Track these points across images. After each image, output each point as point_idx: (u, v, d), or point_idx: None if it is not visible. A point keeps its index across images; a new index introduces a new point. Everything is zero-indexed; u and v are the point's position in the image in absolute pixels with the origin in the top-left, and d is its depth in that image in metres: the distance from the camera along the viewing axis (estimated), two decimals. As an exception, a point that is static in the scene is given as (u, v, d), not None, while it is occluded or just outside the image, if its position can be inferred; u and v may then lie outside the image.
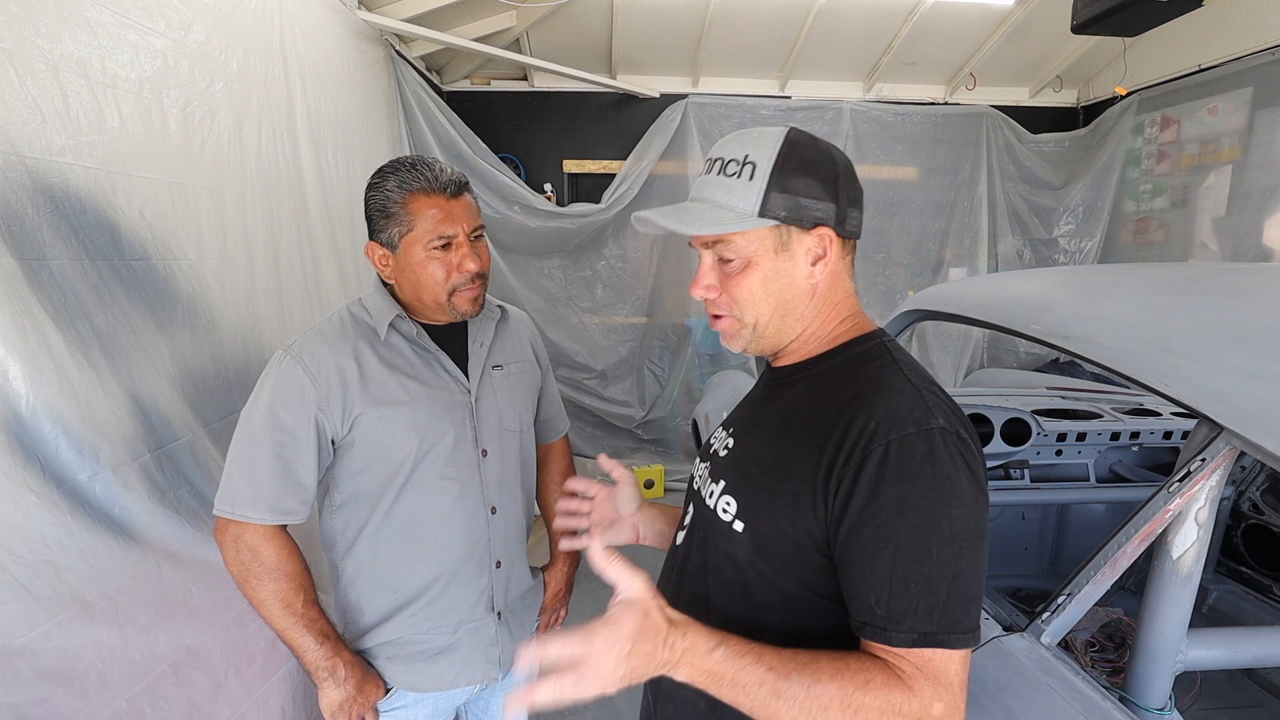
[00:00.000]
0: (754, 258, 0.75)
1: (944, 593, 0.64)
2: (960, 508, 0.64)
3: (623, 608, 0.65)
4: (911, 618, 0.64)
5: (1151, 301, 1.12)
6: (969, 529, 0.65)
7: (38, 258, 1.12)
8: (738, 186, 0.73)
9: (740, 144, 0.75)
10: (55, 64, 1.18)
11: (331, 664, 1.09)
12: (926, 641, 0.64)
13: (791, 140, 0.74)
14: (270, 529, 1.06)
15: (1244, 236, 3.52)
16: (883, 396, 0.69)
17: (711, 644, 0.66)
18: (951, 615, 0.64)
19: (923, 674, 0.64)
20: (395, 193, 1.06)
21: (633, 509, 1.00)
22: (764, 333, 0.78)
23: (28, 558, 1.03)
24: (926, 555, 0.64)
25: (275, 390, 1.06)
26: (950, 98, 4.49)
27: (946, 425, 0.66)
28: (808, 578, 0.72)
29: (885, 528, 0.65)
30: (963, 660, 0.65)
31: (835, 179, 0.74)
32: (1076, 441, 1.97)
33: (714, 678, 0.65)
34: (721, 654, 0.65)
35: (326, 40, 2.46)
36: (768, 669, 0.64)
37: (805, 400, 0.77)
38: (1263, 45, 3.34)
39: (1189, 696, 1.50)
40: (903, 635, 0.64)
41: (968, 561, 0.65)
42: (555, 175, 4.40)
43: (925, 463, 0.64)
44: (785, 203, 0.72)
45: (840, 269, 0.78)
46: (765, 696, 0.64)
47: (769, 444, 0.78)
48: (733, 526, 0.77)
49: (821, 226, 0.74)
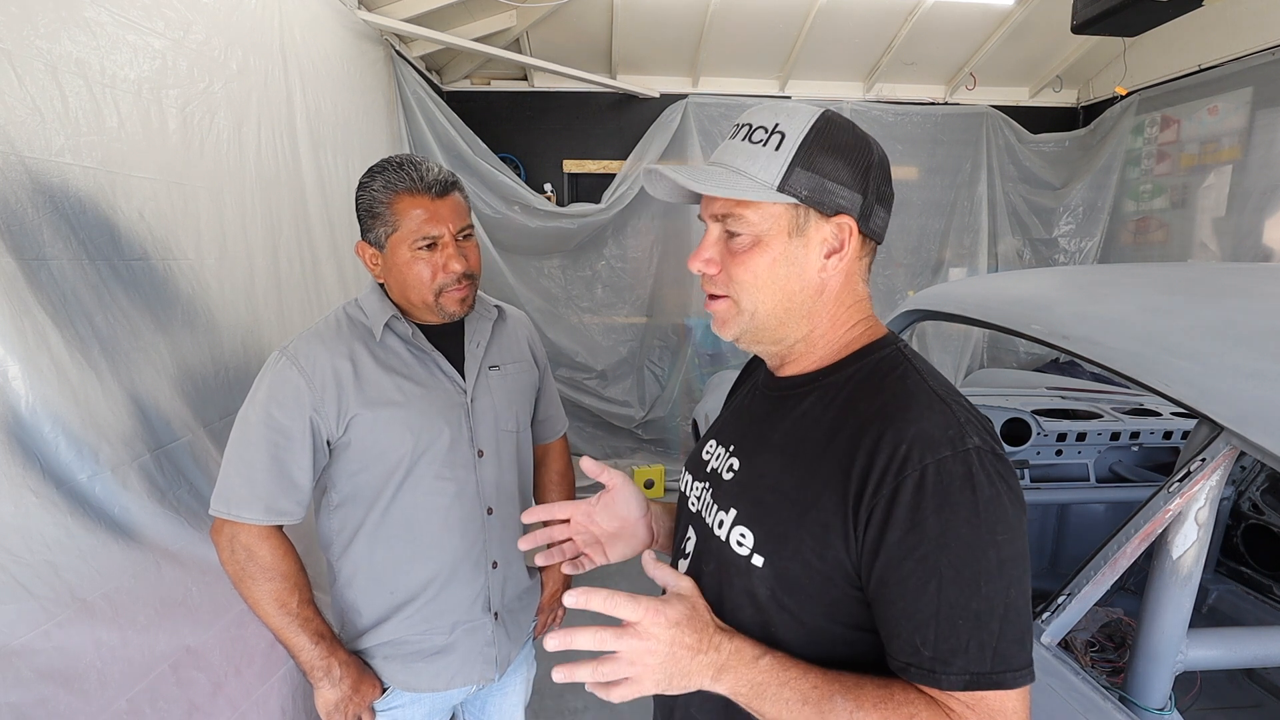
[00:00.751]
0: (765, 236, 0.68)
1: (996, 628, 0.58)
2: (1006, 533, 0.59)
3: (670, 598, 0.64)
4: (962, 658, 0.58)
5: (1151, 301, 1.12)
6: (1017, 555, 0.60)
7: (37, 258, 1.12)
8: (761, 155, 0.67)
9: (773, 112, 0.69)
10: (54, 64, 1.18)
11: (327, 663, 1.09)
12: (980, 684, 0.58)
13: (829, 118, 0.68)
14: (265, 529, 1.06)
15: (1244, 236, 3.52)
16: (912, 415, 0.63)
17: (757, 652, 0.63)
18: (1005, 652, 0.58)
19: (974, 713, 0.59)
20: (381, 193, 1.06)
21: (638, 511, 0.87)
22: (762, 324, 0.71)
23: (27, 558, 1.03)
24: (975, 589, 0.58)
25: (270, 391, 1.06)
26: (950, 98, 4.49)
27: (982, 444, 0.61)
28: (837, 611, 0.66)
29: (927, 561, 0.59)
30: (1020, 698, 0.59)
31: (868, 169, 0.67)
32: (1076, 441, 1.97)
33: (758, 689, 0.62)
34: (767, 663, 0.62)
35: (326, 40, 2.46)
36: (812, 686, 0.61)
37: (822, 416, 0.70)
38: (1263, 45, 3.34)
39: (1189, 696, 1.50)
40: (953, 678, 0.58)
41: (1018, 590, 0.59)
42: (555, 175, 4.40)
43: (965, 488, 0.59)
44: (809, 181, 0.66)
45: (856, 270, 0.72)
46: (809, 715, 0.60)
47: (786, 467, 0.70)
48: (751, 561, 0.69)
49: (843, 215, 0.67)
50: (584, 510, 0.86)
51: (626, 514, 0.86)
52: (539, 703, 2.26)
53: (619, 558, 0.86)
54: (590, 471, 0.83)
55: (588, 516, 0.86)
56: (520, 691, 1.38)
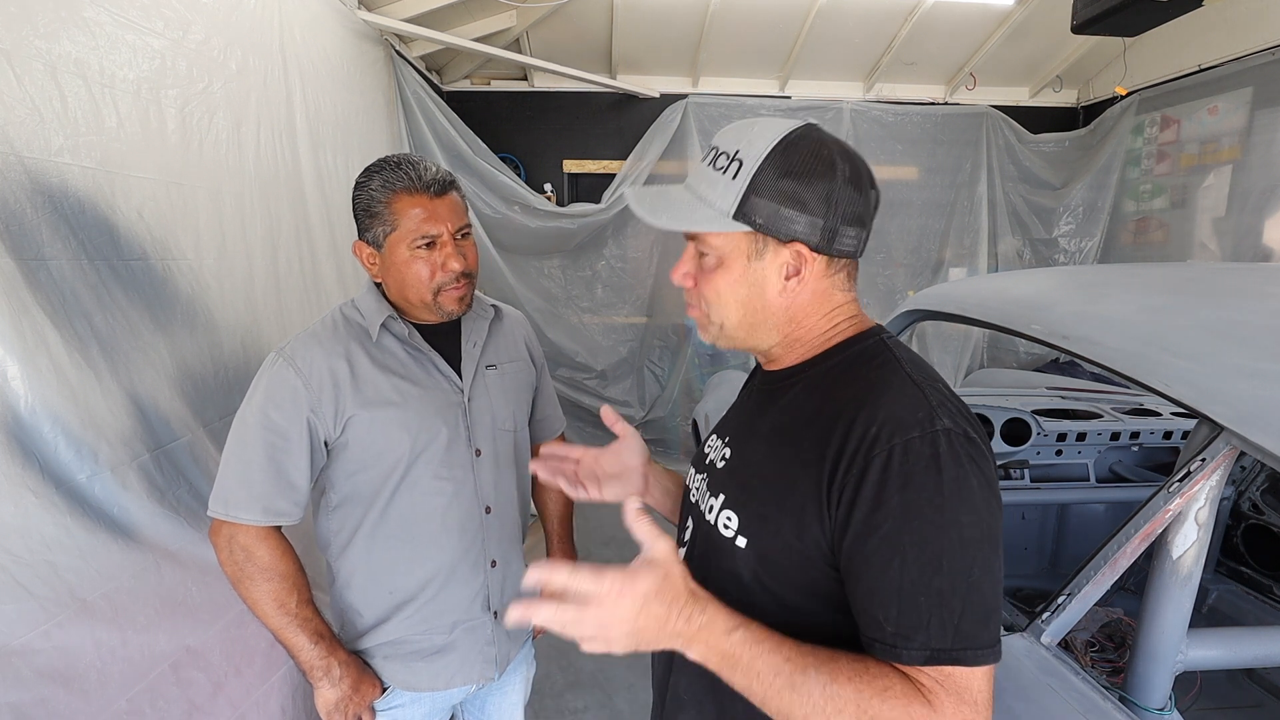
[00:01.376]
0: (726, 258, 0.71)
1: (958, 606, 0.59)
2: (971, 514, 0.60)
3: (643, 564, 0.62)
4: (923, 634, 0.59)
5: (1151, 301, 1.12)
6: (981, 536, 0.61)
7: (36, 258, 1.12)
8: (720, 182, 0.69)
9: (737, 136, 0.71)
10: (53, 64, 1.18)
11: (326, 663, 1.09)
12: (940, 659, 0.59)
13: (790, 141, 0.68)
14: (263, 530, 1.06)
15: (1244, 236, 3.52)
16: (885, 399, 0.65)
17: (731, 624, 0.63)
18: (967, 630, 0.59)
19: (944, 688, 0.59)
20: (379, 192, 1.06)
21: (640, 460, 0.95)
22: (732, 335, 0.75)
23: (27, 558, 1.03)
24: (937, 567, 0.60)
25: (268, 392, 1.06)
26: (950, 98, 4.49)
27: (953, 426, 0.62)
28: (817, 591, 0.69)
29: (891, 538, 0.61)
30: (985, 676, 0.60)
31: (828, 193, 0.67)
32: (1076, 441, 1.97)
33: (728, 660, 0.62)
34: (740, 636, 0.62)
35: (326, 40, 2.46)
36: (785, 659, 0.61)
37: (804, 405, 0.72)
38: (1263, 45, 3.34)
39: (1189, 696, 1.50)
40: (914, 653, 0.60)
41: (982, 571, 0.60)
42: (555, 175, 4.40)
43: (931, 468, 0.60)
44: (764, 209, 0.67)
45: (826, 285, 0.73)
46: (780, 687, 0.61)
47: (770, 454, 0.73)
48: (735, 543, 0.73)
49: (798, 243, 0.69)
50: (592, 454, 0.96)
51: (629, 460, 0.95)
52: (539, 702, 2.26)
53: (612, 497, 0.93)
54: (607, 420, 0.92)
55: (594, 459, 0.96)
56: (520, 690, 1.38)
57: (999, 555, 0.63)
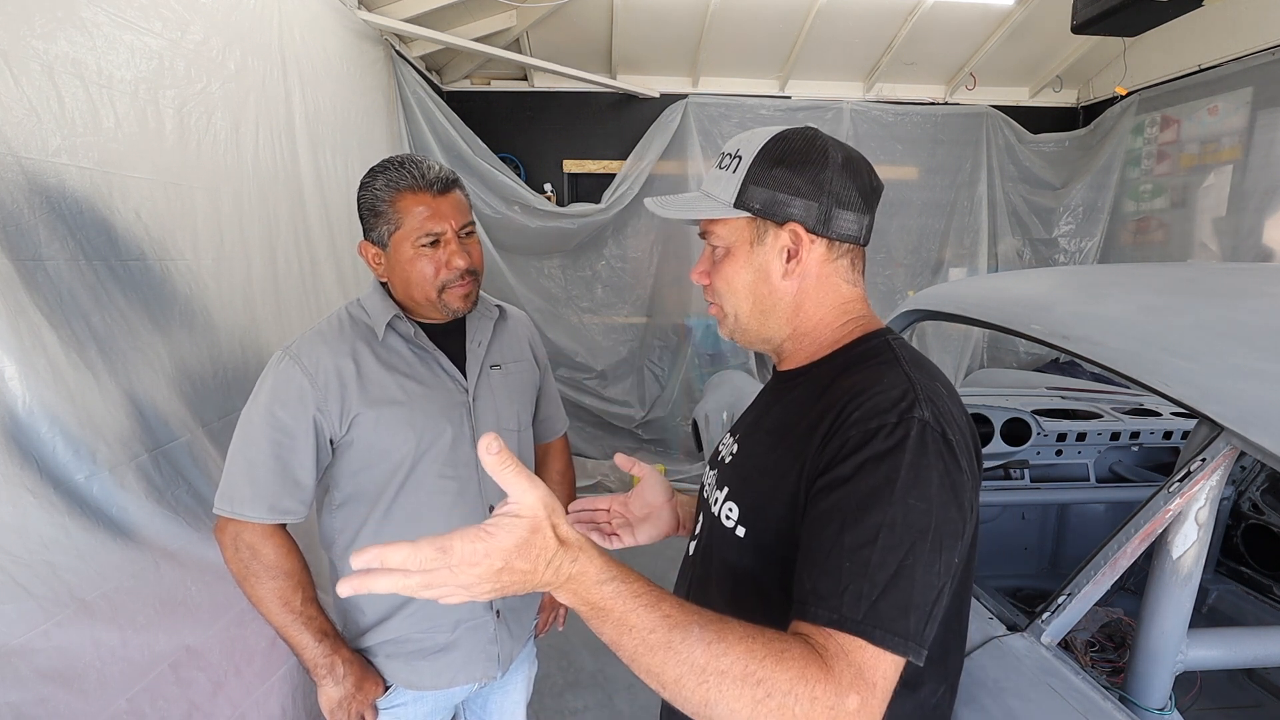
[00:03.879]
0: (732, 247, 0.77)
1: (880, 582, 0.57)
2: (921, 500, 0.59)
3: (504, 521, 0.56)
4: (837, 598, 0.58)
5: (1151, 301, 1.11)
6: (926, 529, 0.59)
7: (34, 258, 1.12)
8: (724, 178, 0.76)
9: (739, 140, 0.77)
10: (50, 64, 1.18)
11: (330, 661, 1.09)
12: (845, 626, 0.57)
13: (783, 136, 0.74)
14: (269, 528, 1.07)
15: (1244, 236, 3.52)
16: (875, 389, 0.66)
17: (605, 576, 0.58)
18: (882, 611, 0.57)
19: (846, 659, 0.56)
20: (384, 191, 1.07)
21: (665, 497, 0.97)
22: (745, 326, 0.80)
23: (25, 558, 1.03)
24: (871, 537, 0.58)
25: (274, 390, 1.06)
26: (950, 98, 4.48)
27: (931, 420, 0.62)
28: None
29: (839, 504, 0.61)
30: (893, 667, 0.57)
31: (821, 176, 0.72)
32: (1076, 441, 1.97)
33: (597, 611, 0.58)
34: (613, 589, 0.58)
35: (326, 40, 2.45)
36: (663, 615, 0.57)
37: (804, 401, 0.75)
38: (1263, 45, 3.33)
39: (1189, 696, 1.50)
40: (821, 612, 0.58)
41: (916, 560, 0.58)
42: (555, 175, 4.40)
43: (897, 449, 0.61)
44: (761, 195, 0.73)
45: (829, 271, 0.76)
46: (653, 644, 0.56)
47: (769, 447, 0.76)
48: (735, 532, 0.75)
49: (793, 223, 0.73)
50: (620, 500, 0.98)
51: (653, 500, 0.96)
52: (539, 702, 2.26)
53: (646, 539, 0.95)
54: (623, 465, 0.95)
55: (624, 505, 0.97)
56: (522, 689, 1.38)
57: (941, 561, 0.60)
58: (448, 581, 0.54)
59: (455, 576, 0.54)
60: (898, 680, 0.58)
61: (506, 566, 0.55)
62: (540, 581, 0.57)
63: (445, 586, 0.54)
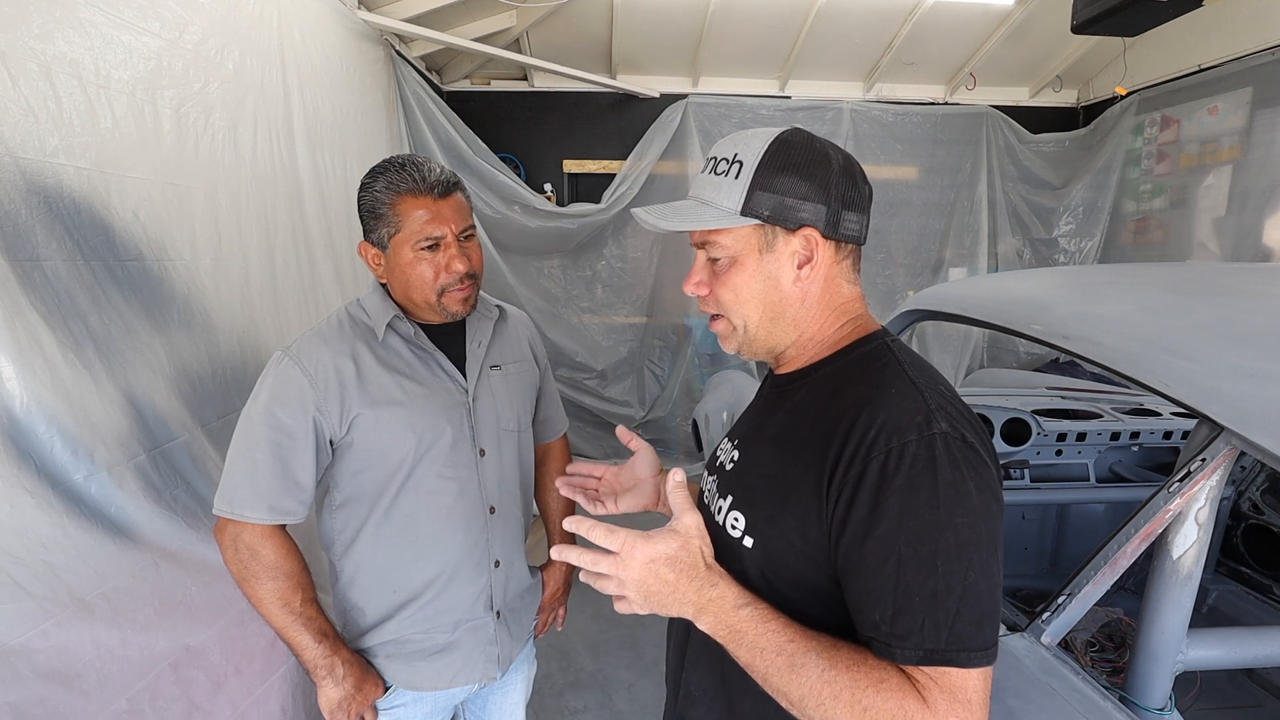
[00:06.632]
0: (739, 256, 0.74)
1: (953, 607, 0.60)
2: (966, 516, 0.61)
3: (663, 533, 0.68)
4: (917, 634, 0.60)
5: (1151, 301, 1.11)
6: (978, 540, 0.61)
7: (31, 259, 1.11)
8: (724, 184, 0.73)
9: (733, 143, 0.75)
10: (48, 64, 1.18)
11: (330, 662, 1.09)
12: (934, 659, 0.60)
13: (783, 139, 0.72)
14: (269, 528, 1.07)
15: (1244, 236, 3.52)
16: (884, 401, 0.66)
17: (741, 600, 0.67)
18: (961, 632, 0.60)
19: (939, 687, 0.60)
20: (383, 193, 1.06)
21: (652, 472, 0.99)
22: (755, 335, 0.77)
23: (24, 558, 1.03)
24: (932, 569, 0.60)
25: (274, 391, 1.06)
26: (950, 98, 4.48)
27: (950, 430, 0.63)
28: (820, 590, 0.70)
29: (886, 540, 0.62)
30: (982, 677, 0.61)
31: (828, 180, 0.71)
32: (1076, 441, 1.97)
33: (735, 634, 0.66)
34: (748, 613, 0.66)
35: (325, 40, 2.45)
36: (789, 640, 0.64)
37: (808, 408, 0.74)
38: (1263, 45, 3.33)
39: (1189, 696, 1.50)
40: (908, 652, 0.61)
41: (978, 574, 0.61)
42: (555, 175, 4.40)
43: (927, 471, 0.61)
44: (769, 201, 0.71)
45: (835, 273, 0.76)
46: (781, 666, 0.63)
47: (775, 456, 0.76)
48: (742, 543, 0.74)
49: (807, 228, 0.72)
50: (613, 471, 1.02)
51: (641, 473, 1.00)
52: (539, 702, 2.26)
53: (626, 509, 0.99)
54: (623, 438, 0.97)
55: (615, 475, 1.02)
56: (521, 690, 1.38)
57: (997, 559, 0.64)
58: (611, 567, 0.66)
59: (615, 563, 0.66)
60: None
61: (659, 573, 0.66)
62: (685, 598, 0.67)
63: (609, 571, 0.67)
